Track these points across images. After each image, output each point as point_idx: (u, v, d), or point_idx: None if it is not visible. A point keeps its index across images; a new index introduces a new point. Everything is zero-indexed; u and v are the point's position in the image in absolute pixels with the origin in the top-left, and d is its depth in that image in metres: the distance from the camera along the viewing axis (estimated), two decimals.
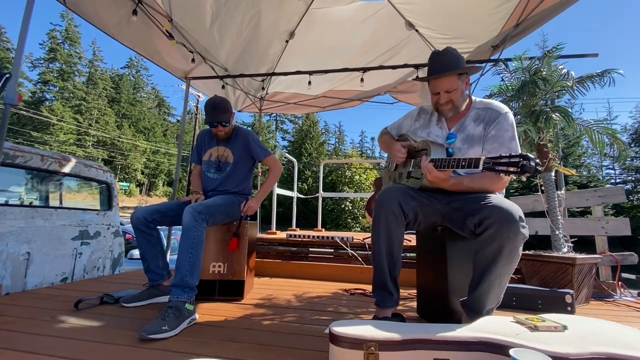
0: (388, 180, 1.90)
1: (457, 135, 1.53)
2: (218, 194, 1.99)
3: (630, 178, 19.64)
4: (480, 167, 1.16)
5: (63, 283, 2.27)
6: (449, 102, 1.49)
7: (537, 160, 1.01)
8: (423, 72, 3.63)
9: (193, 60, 3.12)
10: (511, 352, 0.81)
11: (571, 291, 1.87)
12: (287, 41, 3.94)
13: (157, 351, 1.18)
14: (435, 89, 1.49)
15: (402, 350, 0.95)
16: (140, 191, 42.54)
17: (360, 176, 21.72)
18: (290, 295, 2.11)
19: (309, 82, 3.39)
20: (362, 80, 3.36)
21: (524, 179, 1.13)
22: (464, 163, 1.24)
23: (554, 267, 2.13)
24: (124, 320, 1.52)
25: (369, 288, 2.32)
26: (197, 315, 1.51)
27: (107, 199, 2.77)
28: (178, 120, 52.71)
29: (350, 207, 21.25)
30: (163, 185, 46.56)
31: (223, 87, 3.63)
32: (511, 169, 1.05)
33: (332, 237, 3.00)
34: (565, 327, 1.02)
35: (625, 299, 2.25)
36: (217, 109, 1.94)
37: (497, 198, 1.32)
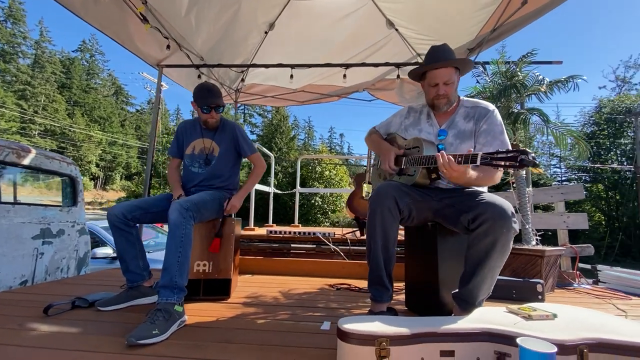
0: (377, 177, 1.92)
1: (448, 132, 1.58)
2: (202, 189, 1.90)
3: (574, 176, 21.63)
4: (478, 162, 1.20)
5: (23, 287, 2.06)
6: (446, 96, 1.52)
7: (534, 155, 1.07)
8: (404, 71, 3.71)
9: (168, 47, 2.93)
10: (518, 341, 0.85)
11: (541, 281, 2.02)
12: (266, 32, 3.84)
13: (149, 357, 1.10)
14: (435, 80, 1.51)
15: (411, 345, 0.97)
16: (95, 185, 39.63)
17: (330, 172, 21.88)
18: (276, 293, 2.07)
19: (291, 76, 3.32)
20: (344, 76, 3.36)
21: (523, 172, 1.18)
22: (460, 159, 1.28)
23: (524, 259, 2.29)
24: (104, 325, 1.41)
25: (353, 283, 2.36)
26: (186, 317, 1.44)
27: (72, 194, 2.54)
28: (137, 110, 49.63)
29: (320, 202, 21.37)
30: (121, 179, 43.71)
31: (199, 76, 3.46)
32: (509, 163, 1.10)
33: (314, 233, 3.00)
34: (555, 316, 1.10)
35: (583, 286, 2.47)
36: (212, 92, 1.85)
37: (490, 195, 1.38)
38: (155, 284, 1.79)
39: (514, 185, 2.49)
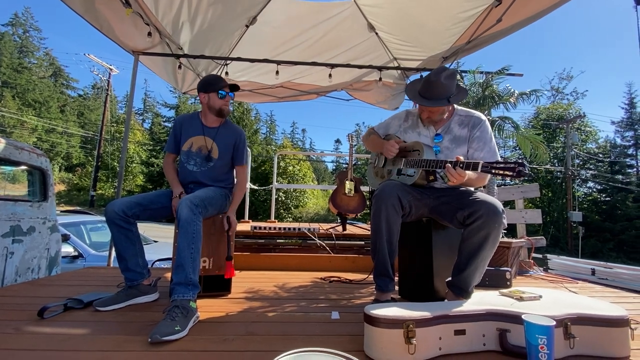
0: (374, 176, 2.04)
1: (444, 136, 1.75)
2: (200, 187, 1.87)
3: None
4: (479, 169, 1.36)
5: None
6: (430, 119, 1.74)
7: (529, 167, 1.25)
8: (385, 74, 3.88)
9: (149, 34, 2.79)
10: (524, 317, 1.02)
11: (510, 269, 2.30)
12: (247, 26, 3.78)
13: (179, 353, 1.11)
14: (427, 109, 1.71)
15: (432, 326, 1.10)
16: None
17: (293, 167, 21.87)
18: (273, 287, 2.12)
19: (277, 72, 3.34)
20: (330, 75, 3.44)
21: (517, 181, 1.37)
22: (461, 165, 1.43)
23: None
24: (111, 325, 1.37)
25: (343, 275, 2.48)
26: (199, 313, 1.44)
27: (42, 188, 2.35)
28: (81, 95, 45.02)
29: (283, 198, 21.30)
30: (60, 171, 39.45)
31: (180, 66, 3.32)
32: (508, 172, 1.27)
33: (299, 229, 3.06)
34: (541, 297, 1.30)
35: (537, 273, 2.84)
36: (224, 79, 1.84)
37: (483, 194, 1.56)
38: (153, 282, 1.75)
39: (484, 185, 2.77)
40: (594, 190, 22.22)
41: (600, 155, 21.62)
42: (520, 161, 1.26)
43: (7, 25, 38.06)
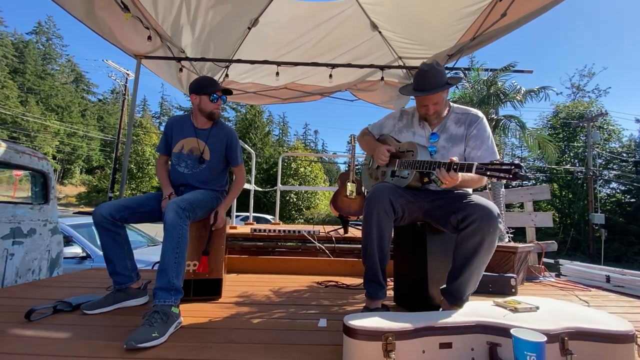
0: (369, 177, 1.98)
1: (440, 135, 1.67)
2: (191, 189, 1.85)
3: (532, 176, 23.16)
4: (474, 171, 1.29)
5: None
6: (435, 112, 1.64)
7: (526, 169, 1.17)
8: (387, 73, 3.81)
9: (149, 37, 2.81)
10: (512, 331, 0.94)
11: (515, 275, 2.19)
12: (249, 28, 3.78)
13: None
14: (424, 102, 1.62)
15: (414, 338, 1.04)
16: None
17: (305, 169, 21.88)
18: (267, 291, 2.08)
19: (277, 73, 3.31)
20: (330, 76, 3.39)
21: (514, 183, 1.28)
22: (455, 167, 1.36)
23: (498, 255, 2.45)
24: (95, 329, 1.36)
25: (340, 280, 2.42)
26: (182, 319, 1.42)
27: (43, 191, 2.39)
28: (100, 100, 46.60)
29: (295, 199, 21.33)
30: (81, 173, 40.95)
31: (181, 69, 3.34)
32: (503, 175, 1.19)
33: (299, 231, 3.02)
34: (537, 308, 1.21)
35: (548, 279, 2.70)
36: (217, 82, 1.82)
37: (478, 197, 1.48)
38: (143, 285, 1.74)
39: (490, 186, 2.66)
40: (618, 191, 21.23)
41: (624, 155, 20.66)
42: (517, 163, 1.18)
43: (31, 34, 39.73)
